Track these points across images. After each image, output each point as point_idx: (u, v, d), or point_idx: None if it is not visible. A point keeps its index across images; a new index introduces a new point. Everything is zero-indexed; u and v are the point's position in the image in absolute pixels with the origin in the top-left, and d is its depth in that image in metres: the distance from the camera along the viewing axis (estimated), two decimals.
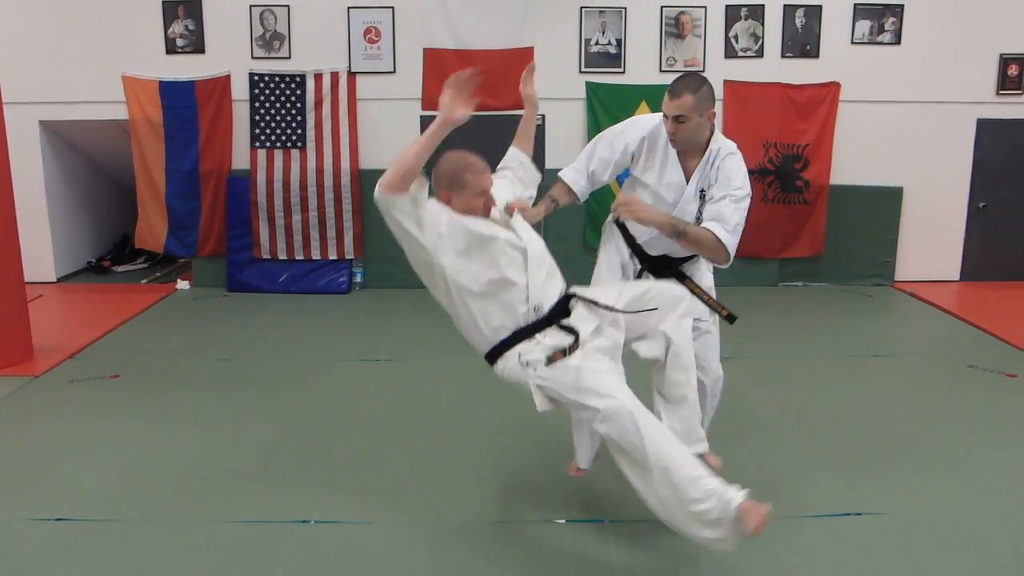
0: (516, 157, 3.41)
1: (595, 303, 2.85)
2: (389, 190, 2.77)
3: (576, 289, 2.93)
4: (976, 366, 5.16)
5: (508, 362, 2.78)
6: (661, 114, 3.22)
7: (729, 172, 3.16)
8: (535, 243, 2.92)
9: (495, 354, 2.82)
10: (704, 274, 3.43)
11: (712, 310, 3.33)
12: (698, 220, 3.15)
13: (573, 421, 3.21)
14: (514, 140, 3.46)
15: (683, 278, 3.32)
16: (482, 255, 2.80)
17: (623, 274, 3.43)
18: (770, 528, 3.13)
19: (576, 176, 3.49)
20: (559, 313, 2.80)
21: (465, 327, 2.91)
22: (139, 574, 2.85)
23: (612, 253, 3.48)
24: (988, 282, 7.45)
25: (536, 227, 3.13)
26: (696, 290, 3.29)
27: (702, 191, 3.20)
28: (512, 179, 3.31)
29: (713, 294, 3.39)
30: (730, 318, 3.27)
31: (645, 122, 3.37)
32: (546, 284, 2.86)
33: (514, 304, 2.79)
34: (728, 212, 3.09)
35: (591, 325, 2.80)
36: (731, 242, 3.08)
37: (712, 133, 3.23)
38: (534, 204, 3.32)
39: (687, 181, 3.23)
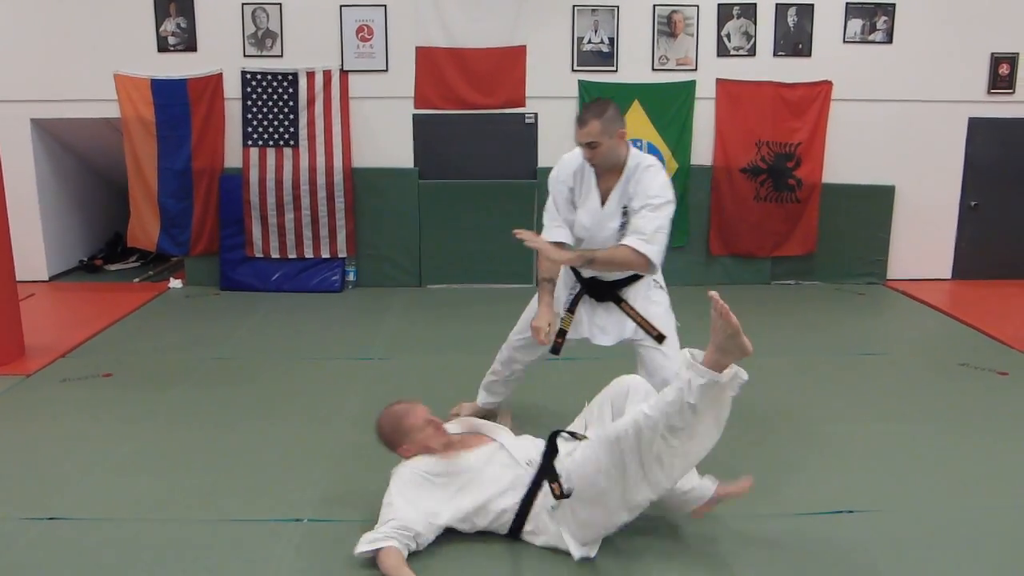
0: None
1: (572, 434, 3.10)
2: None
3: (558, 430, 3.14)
4: (968, 364, 5.19)
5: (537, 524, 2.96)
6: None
7: (646, 184, 3.27)
8: (501, 432, 3.19)
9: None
10: (648, 295, 3.49)
11: (644, 331, 3.46)
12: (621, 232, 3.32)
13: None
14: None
15: (619, 301, 3.48)
16: (469, 484, 3.00)
17: (564, 293, 3.62)
18: (764, 526, 3.17)
19: (558, 233, 3.56)
20: (551, 454, 3.01)
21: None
22: (132, 573, 2.85)
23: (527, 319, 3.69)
24: (980, 280, 7.49)
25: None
26: (629, 311, 3.47)
27: (624, 208, 3.33)
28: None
29: (660, 315, 3.47)
30: (659, 338, 3.44)
31: (573, 156, 3.52)
32: (529, 445, 3.11)
33: (512, 475, 2.98)
34: (644, 222, 3.20)
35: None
36: (648, 249, 3.18)
37: (628, 151, 3.37)
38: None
39: (603, 202, 3.40)
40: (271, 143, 7.08)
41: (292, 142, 7.08)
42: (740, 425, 4.19)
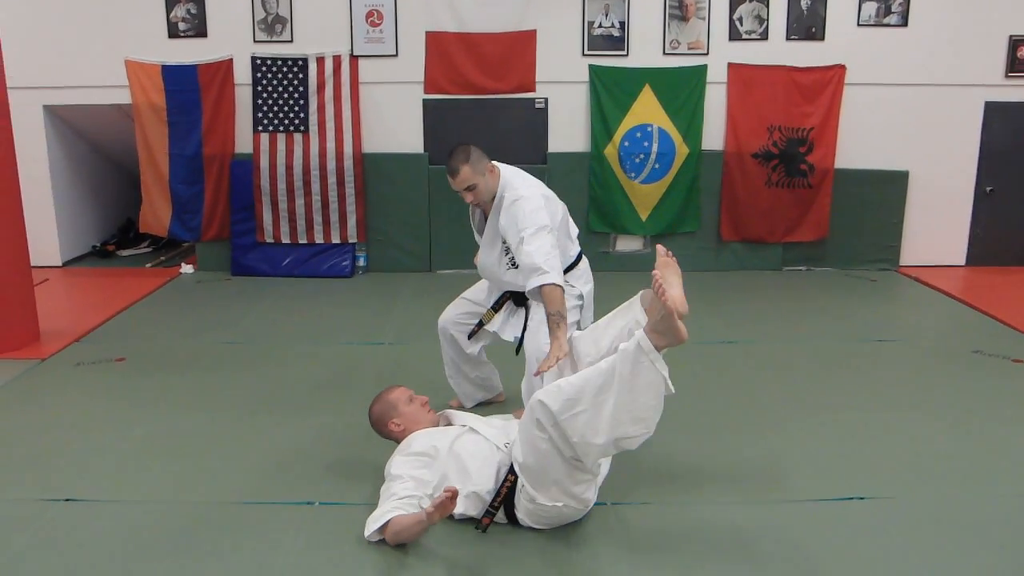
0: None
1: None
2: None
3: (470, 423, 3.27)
4: (981, 351, 5.16)
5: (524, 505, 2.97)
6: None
7: (515, 218, 3.42)
8: (471, 419, 3.31)
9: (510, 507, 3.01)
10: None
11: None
12: (512, 262, 3.54)
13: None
14: None
15: (524, 302, 3.73)
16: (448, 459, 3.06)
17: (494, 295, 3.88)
18: (775, 511, 3.16)
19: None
20: None
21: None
22: (147, 554, 2.87)
23: (481, 289, 3.99)
24: (994, 267, 7.44)
25: None
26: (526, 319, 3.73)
27: (501, 237, 3.55)
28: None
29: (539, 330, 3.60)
30: (517, 349, 3.73)
31: None
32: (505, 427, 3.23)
33: (491, 457, 3.05)
34: (529, 259, 3.34)
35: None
36: (548, 278, 3.31)
37: (498, 180, 3.54)
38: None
39: (483, 229, 3.70)
40: (281, 128, 7.09)
41: (302, 127, 7.08)
42: (751, 411, 4.20)
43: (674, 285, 2.77)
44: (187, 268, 7.38)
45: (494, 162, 3.58)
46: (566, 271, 3.56)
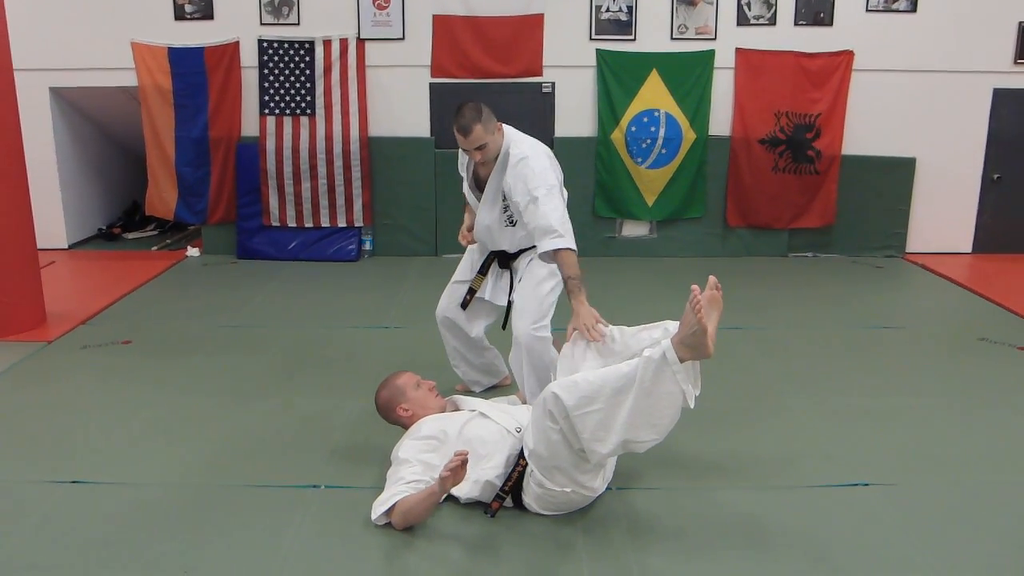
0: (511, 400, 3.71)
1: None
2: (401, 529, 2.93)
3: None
4: (987, 339, 5.15)
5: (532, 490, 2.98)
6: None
7: (523, 177, 3.38)
8: (480, 403, 3.30)
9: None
10: (531, 266, 3.66)
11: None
12: (510, 219, 3.58)
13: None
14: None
15: (509, 265, 3.79)
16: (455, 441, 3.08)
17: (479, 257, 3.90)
18: (780, 497, 3.17)
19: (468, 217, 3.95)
20: None
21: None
22: (153, 536, 2.89)
23: (472, 254, 3.96)
24: (1001, 255, 7.41)
25: None
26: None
27: (503, 194, 3.52)
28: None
29: (531, 285, 3.64)
30: (504, 323, 3.82)
31: None
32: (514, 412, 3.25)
33: (503, 441, 3.07)
34: (543, 220, 3.32)
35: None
36: (563, 242, 3.32)
37: (503, 138, 3.50)
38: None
39: (482, 188, 3.65)
40: (288, 112, 7.08)
41: (309, 111, 7.06)
42: (756, 397, 4.21)
43: (712, 320, 2.71)
44: (193, 251, 7.39)
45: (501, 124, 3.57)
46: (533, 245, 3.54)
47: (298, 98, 7.05)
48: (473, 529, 2.95)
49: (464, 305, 3.88)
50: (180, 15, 6.97)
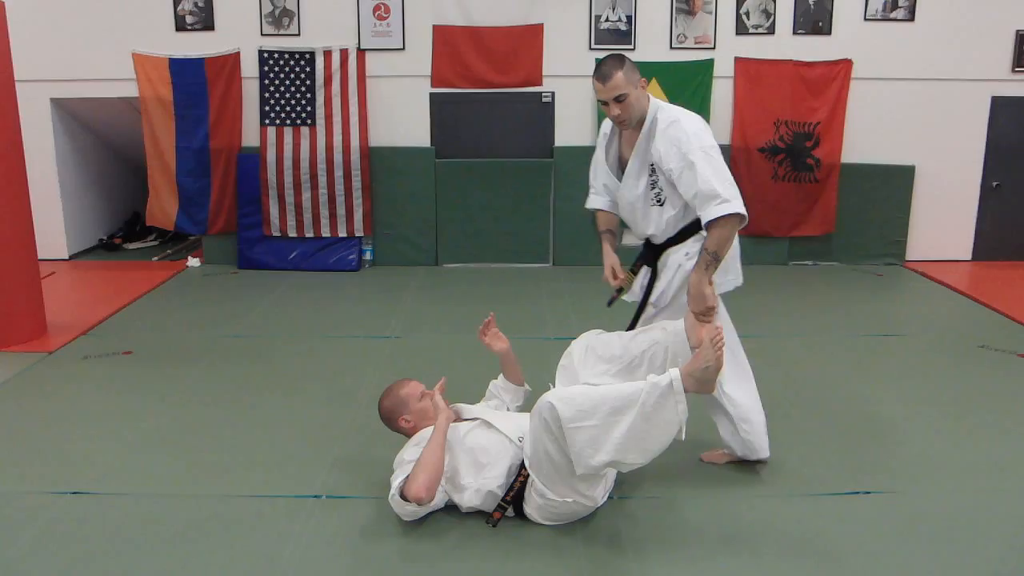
0: (501, 386, 3.58)
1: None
2: (428, 498, 2.90)
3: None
4: (987, 346, 5.15)
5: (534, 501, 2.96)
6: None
7: (676, 141, 2.98)
8: (485, 412, 3.28)
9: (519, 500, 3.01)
10: (683, 262, 3.19)
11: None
12: (657, 197, 3.14)
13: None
14: (503, 374, 3.60)
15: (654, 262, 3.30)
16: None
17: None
18: (779, 505, 3.17)
19: (596, 198, 3.57)
20: None
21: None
22: (154, 547, 2.89)
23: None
24: (1000, 262, 7.42)
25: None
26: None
27: (651, 166, 3.11)
28: (498, 403, 3.53)
29: (673, 285, 3.22)
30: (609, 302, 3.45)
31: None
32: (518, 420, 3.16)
33: (505, 450, 3.04)
34: (705, 184, 2.91)
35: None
36: (730, 207, 2.90)
37: (648, 102, 3.11)
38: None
39: (626, 160, 3.21)
40: (288, 122, 7.09)
41: (309, 121, 7.08)
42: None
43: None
44: (194, 261, 7.40)
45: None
46: (688, 234, 3.16)
47: (299, 108, 7.07)
48: (474, 539, 2.94)
49: (609, 303, 3.44)
50: (181, 26, 7.00)
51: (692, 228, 3.14)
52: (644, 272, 3.33)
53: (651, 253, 3.28)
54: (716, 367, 2.65)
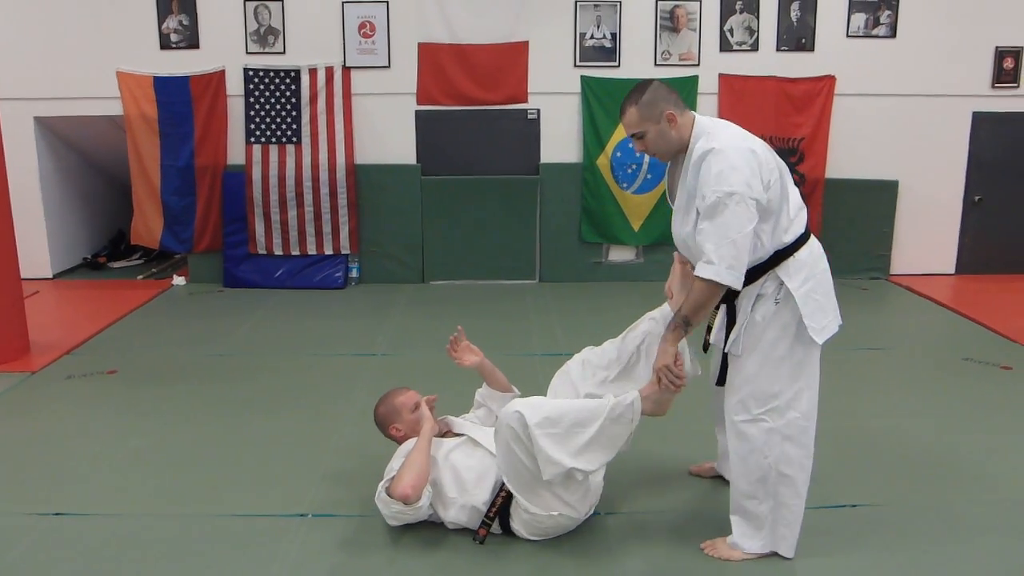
0: (487, 394, 3.57)
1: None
2: (415, 497, 2.91)
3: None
4: (971, 359, 5.18)
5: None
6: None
7: (703, 178, 2.65)
8: (469, 427, 3.30)
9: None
10: (764, 307, 2.79)
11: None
12: None
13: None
14: (486, 383, 3.59)
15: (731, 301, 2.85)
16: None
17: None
18: None
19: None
20: None
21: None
22: (139, 568, 2.86)
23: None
24: (983, 275, 7.48)
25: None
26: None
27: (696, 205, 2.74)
28: (486, 411, 3.54)
29: (779, 343, 2.81)
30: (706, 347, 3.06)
31: None
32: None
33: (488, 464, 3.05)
34: (705, 238, 2.62)
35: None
36: (709, 272, 2.61)
37: (692, 129, 2.78)
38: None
39: (674, 195, 2.91)
40: (274, 140, 7.09)
41: (295, 139, 7.08)
42: None
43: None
44: (179, 280, 7.36)
45: (693, 113, 2.82)
46: (779, 260, 2.75)
47: (284, 126, 7.07)
48: (460, 556, 2.93)
49: (705, 347, 3.05)
50: (165, 44, 7.00)
51: (765, 265, 2.76)
52: (722, 313, 2.88)
53: (726, 294, 2.80)
54: (676, 391, 2.83)
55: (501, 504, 2.96)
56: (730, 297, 2.80)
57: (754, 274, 2.74)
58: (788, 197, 2.76)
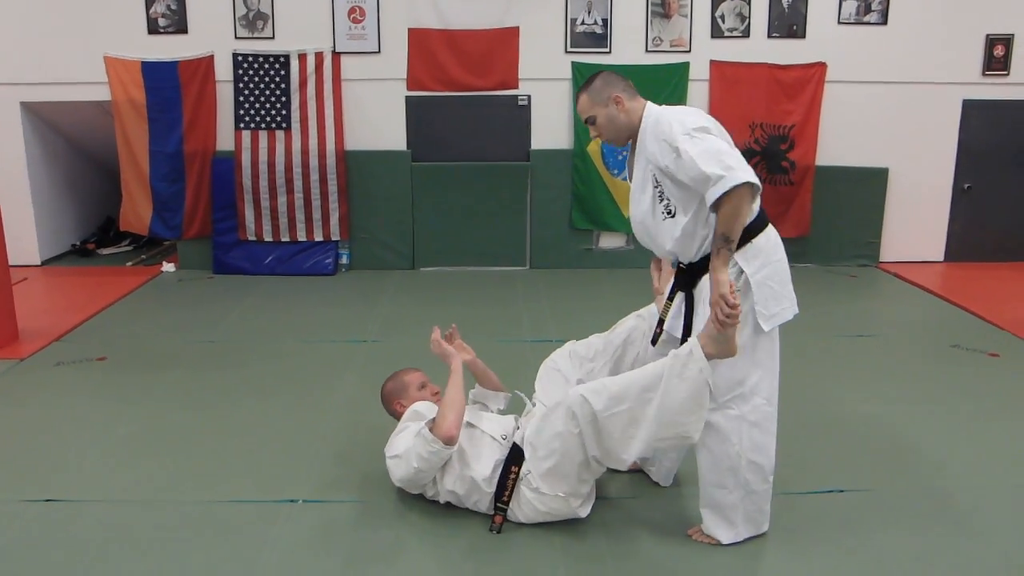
0: (480, 393, 3.54)
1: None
2: (457, 437, 2.94)
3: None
4: (959, 346, 5.21)
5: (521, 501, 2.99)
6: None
7: (662, 134, 2.73)
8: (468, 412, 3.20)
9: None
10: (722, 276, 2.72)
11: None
12: (667, 208, 2.81)
13: None
14: (478, 383, 3.55)
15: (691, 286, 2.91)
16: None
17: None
18: None
19: None
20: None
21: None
22: (129, 554, 2.86)
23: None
24: (972, 263, 7.51)
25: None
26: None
27: (652, 176, 2.82)
28: (481, 406, 3.50)
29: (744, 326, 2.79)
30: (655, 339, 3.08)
31: None
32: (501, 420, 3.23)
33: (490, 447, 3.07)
34: (698, 164, 2.62)
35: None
36: (725, 183, 2.58)
37: (643, 111, 2.88)
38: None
39: (631, 172, 2.99)
40: (263, 126, 7.05)
41: (284, 125, 7.05)
42: None
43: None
44: (168, 266, 7.33)
45: (647, 101, 2.92)
46: (738, 245, 2.72)
47: (273, 112, 7.04)
48: (453, 542, 2.94)
49: (653, 341, 3.07)
50: (154, 29, 6.94)
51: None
52: (679, 301, 2.96)
53: (686, 279, 2.91)
54: (733, 329, 2.65)
55: (512, 486, 2.96)
56: (688, 285, 2.88)
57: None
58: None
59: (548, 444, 2.87)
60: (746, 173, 2.61)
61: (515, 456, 2.98)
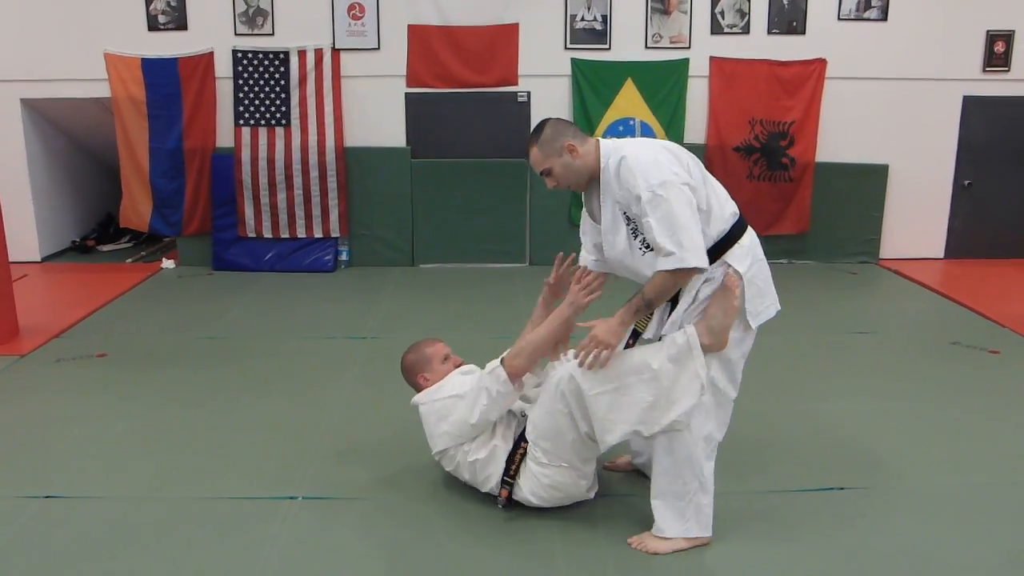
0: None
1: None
2: (522, 381, 2.99)
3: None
4: (959, 343, 5.21)
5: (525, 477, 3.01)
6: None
7: (627, 183, 2.69)
8: None
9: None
10: (699, 288, 2.84)
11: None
12: (644, 243, 2.75)
13: None
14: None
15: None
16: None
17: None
18: (756, 502, 3.19)
19: (586, 256, 3.15)
20: None
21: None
22: (129, 550, 2.86)
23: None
24: (972, 260, 7.51)
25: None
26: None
27: (624, 215, 2.77)
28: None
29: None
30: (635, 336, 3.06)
31: None
32: None
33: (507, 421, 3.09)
34: (656, 233, 2.63)
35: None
36: (680, 258, 2.61)
37: (597, 153, 2.81)
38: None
39: (597, 219, 2.93)
40: (263, 122, 7.05)
41: (284, 121, 7.04)
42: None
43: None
44: (168, 263, 7.34)
45: (596, 138, 2.87)
46: (725, 247, 2.80)
47: (273, 108, 7.03)
48: (453, 540, 2.94)
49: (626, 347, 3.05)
50: (153, 25, 6.94)
51: (712, 254, 2.78)
52: (663, 309, 2.95)
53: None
54: (732, 314, 2.72)
55: (519, 460, 2.98)
56: (671, 300, 2.89)
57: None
58: (708, 182, 2.83)
59: (542, 422, 2.91)
60: (695, 257, 2.62)
61: (526, 431, 3.01)
